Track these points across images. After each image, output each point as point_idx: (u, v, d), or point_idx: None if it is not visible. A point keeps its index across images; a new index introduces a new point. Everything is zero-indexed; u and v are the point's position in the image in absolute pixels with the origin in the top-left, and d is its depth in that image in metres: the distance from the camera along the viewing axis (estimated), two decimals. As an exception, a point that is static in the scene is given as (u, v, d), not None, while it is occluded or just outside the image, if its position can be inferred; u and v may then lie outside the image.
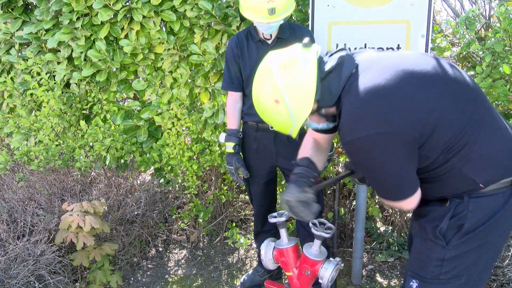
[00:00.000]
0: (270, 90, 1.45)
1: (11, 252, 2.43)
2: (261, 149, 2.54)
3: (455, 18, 3.45)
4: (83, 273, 2.83)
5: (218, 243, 3.50)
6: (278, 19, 2.15)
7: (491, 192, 1.42)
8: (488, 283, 2.67)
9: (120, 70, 3.22)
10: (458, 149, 1.36)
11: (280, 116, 1.47)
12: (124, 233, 3.06)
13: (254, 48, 2.40)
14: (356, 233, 2.79)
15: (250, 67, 2.41)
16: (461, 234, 1.43)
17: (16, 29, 3.31)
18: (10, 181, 3.16)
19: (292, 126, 1.49)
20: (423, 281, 1.52)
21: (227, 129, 2.56)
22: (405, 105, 1.30)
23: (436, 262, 1.48)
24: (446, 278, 1.48)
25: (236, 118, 2.55)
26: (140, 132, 3.27)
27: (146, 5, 2.93)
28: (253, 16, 2.18)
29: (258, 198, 2.71)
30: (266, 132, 2.48)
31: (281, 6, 2.12)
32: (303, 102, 1.43)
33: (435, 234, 1.46)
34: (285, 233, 1.94)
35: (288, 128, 1.50)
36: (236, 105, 2.54)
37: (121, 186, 3.21)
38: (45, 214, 2.77)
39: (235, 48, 2.43)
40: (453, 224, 1.44)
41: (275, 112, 1.48)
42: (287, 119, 1.47)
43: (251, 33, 2.41)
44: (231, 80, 2.50)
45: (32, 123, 3.25)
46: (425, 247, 1.52)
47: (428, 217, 1.52)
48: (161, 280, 3.04)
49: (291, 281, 1.91)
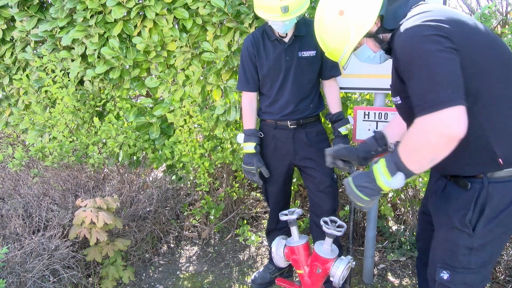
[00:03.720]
0: (336, 1, 1.51)
1: (26, 246, 2.47)
2: (279, 147, 2.52)
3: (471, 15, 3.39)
4: (96, 268, 2.87)
5: (229, 240, 3.51)
6: (291, 17, 2.13)
7: (509, 178, 1.42)
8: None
9: (133, 67, 3.25)
10: (486, 103, 1.37)
11: (340, 30, 1.51)
12: (136, 229, 3.09)
13: (271, 47, 2.38)
14: (367, 231, 2.78)
15: (267, 67, 2.39)
16: (485, 221, 1.44)
17: (32, 27, 3.36)
18: (26, 176, 3.21)
19: (348, 44, 1.51)
20: (454, 270, 1.52)
21: (245, 130, 2.54)
22: (464, 26, 1.36)
23: (464, 250, 1.48)
24: (476, 267, 1.49)
25: (253, 117, 2.53)
26: (152, 129, 3.29)
27: (159, 2, 2.94)
28: (266, 15, 2.16)
29: (275, 197, 2.70)
30: (285, 129, 2.47)
31: (295, 4, 2.09)
32: (367, 12, 1.47)
33: (463, 222, 1.46)
34: (296, 231, 1.94)
35: (343, 46, 1.53)
36: (252, 105, 2.52)
37: (133, 183, 3.24)
38: (59, 210, 2.81)
39: (251, 47, 2.41)
40: (476, 210, 1.45)
41: (336, 26, 1.51)
42: (346, 35, 1.50)
43: (267, 32, 2.38)
44: (247, 80, 2.48)
45: (46, 119, 3.29)
46: (451, 236, 1.52)
47: (454, 205, 1.51)
48: (173, 276, 3.06)
49: (302, 279, 1.91)
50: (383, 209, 3.08)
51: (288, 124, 2.46)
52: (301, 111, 2.44)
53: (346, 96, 3.10)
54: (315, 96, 2.48)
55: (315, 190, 2.51)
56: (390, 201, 3.29)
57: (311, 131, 2.49)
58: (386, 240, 3.29)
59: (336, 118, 2.47)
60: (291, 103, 2.42)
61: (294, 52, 2.35)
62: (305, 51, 2.35)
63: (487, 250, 1.48)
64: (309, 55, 2.35)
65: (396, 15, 1.47)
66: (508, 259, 2.70)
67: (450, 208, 1.52)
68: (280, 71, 2.38)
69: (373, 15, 1.46)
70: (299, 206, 3.60)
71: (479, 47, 1.36)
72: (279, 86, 2.41)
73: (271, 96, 2.46)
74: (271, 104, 2.47)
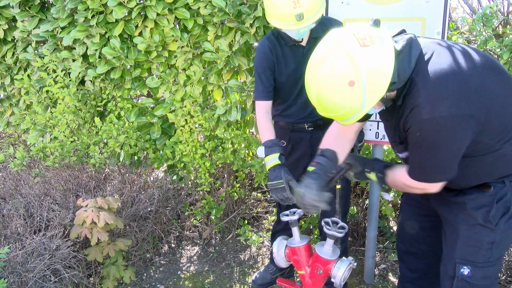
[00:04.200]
0: (345, 70, 1.28)
1: (28, 246, 2.47)
2: (295, 150, 2.45)
3: (472, 15, 3.39)
4: (97, 268, 2.87)
5: (230, 240, 3.51)
6: (306, 24, 1.99)
7: None
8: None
9: (134, 67, 3.25)
10: (509, 136, 1.43)
11: (349, 100, 1.32)
12: (137, 229, 3.10)
13: (289, 53, 2.24)
14: (368, 232, 2.77)
15: (286, 74, 2.26)
16: (507, 217, 1.51)
17: (33, 27, 3.36)
18: (27, 176, 3.21)
19: (358, 112, 1.34)
20: (475, 266, 1.55)
21: (265, 141, 2.23)
22: (479, 89, 1.35)
23: (487, 245, 1.53)
24: (494, 260, 1.55)
25: (271, 127, 2.28)
26: (153, 129, 3.29)
27: (160, 2, 2.94)
28: (280, 24, 2.03)
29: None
30: (302, 132, 2.39)
31: (309, 10, 1.95)
32: (380, 85, 1.31)
33: (486, 219, 1.51)
34: (297, 232, 1.94)
35: (351, 114, 1.36)
36: (268, 115, 2.31)
37: (134, 183, 3.25)
38: (60, 210, 2.81)
39: (269, 53, 2.24)
40: (500, 208, 1.51)
41: (345, 96, 1.31)
42: (356, 104, 1.32)
43: (283, 38, 2.23)
44: (265, 89, 2.29)
45: (47, 119, 3.30)
46: (473, 232, 1.55)
47: (472, 203, 1.55)
48: (174, 276, 3.06)
49: (303, 279, 1.90)
50: (384, 209, 3.08)
51: (305, 127, 2.39)
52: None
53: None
54: None
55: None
56: (391, 202, 3.28)
57: None
58: (387, 240, 3.29)
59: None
60: (309, 106, 2.30)
61: None
62: None
63: (505, 243, 1.57)
64: None
65: (401, 75, 1.36)
66: (509, 259, 2.70)
67: (468, 205, 1.56)
68: (300, 77, 2.23)
69: (387, 82, 1.31)
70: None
71: (496, 94, 1.40)
72: (298, 92, 2.32)
73: (288, 101, 2.35)
74: (287, 108, 2.38)
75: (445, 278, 1.66)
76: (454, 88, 1.32)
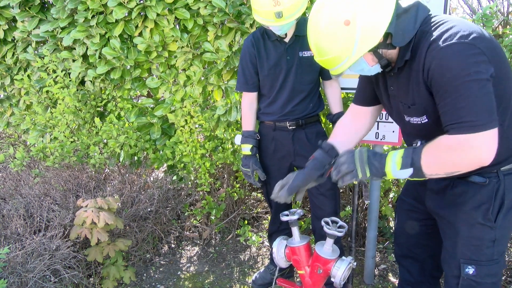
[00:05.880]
0: (344, 8, 1.35)
1: (28, 246, 2.47)
2: (278, 149, 2.52)
3: (472, 15, 3.39)
4: (97, 268, 2.87)
5: (230, 241, 3.51)
6: (286, 22, 2.11)
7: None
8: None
9: (134, 67, 3.25)
10: (506, 105, 1.41)
11: (343, 40, 1.37)
12: (137, 229, 3.09)
13: (272, 47, 2.37)
14: (368, 232, 2.77)
15: (267, 67, 2.38)
16: (504, 212, 1.50)
17: (33, 27, 3.36)
18: (27, 177, 3.21)
19: (349, 56, 1.39)
20: (479, 264, 1.55)
21: (243, 131, 2.53)
22: (492, 47, 1.34)
23: (489, 243, 1.53)
24: (498, 256, 1.55)
25: (252, 119, 2.52)
26: (153, 129, 3.30)
27: (160, 3, 2.95)
28: (262, 20, 2.17)
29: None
30: (284, 131, 2.46)
31: (288, 9, 2.08)
32: (374, 30, 1.35)
33: (486, 217, 1.51)
34: (297, 231, 1.94)
35: (342, 59, 1.40)
36: (252, 106, 2.51)
37: (134, 183, 3.24)
38: (60, 210, 2.81)
39: (251, 47, 2.39)
40: (496, 203, 1.51)
41: (339, 36, 1.37)
42: (348, 46, 1.37)
43: (267, 33, 2.38)
44: (246, 81, 2.46)
45: (47, 120, 3.30)
46: (474, 231, 1.55)
47: (471, 202, 1.54)
48: (174, 277, 3.06)
49: (303, 279, 1.90)
50: (384, 209, 3.08)
51: (287, 125, 2.45)
52: (300, 110, 2.43)
53: (347, 96, 3.10)
54: (314, 96, 2.47)
55: (316, 193, 2.49)
56: (391, 202, 3.28)
57: (311, 132, 2.48)
58: (387, 240, 3.29)
59: (337, 118, 2.47)
60: (290, 103, 2.41)
61: (295, 52, 2.34)
62: (306, 51, 2.34)
63: (505, 239, 1.56)
64: (310, 55, 2.33)
65: (405, 32, 1.40)
66: (509, 259, 2.69)
67: (468, 205, 1.55)
68: (281, 72, 2.37)
69: (381, 31, 1.36)
70: (300, 206, 3.60)
71: (503, 57, 1.39)
72: (280, 87, 2.41)
73: (271, 97, 2.45)
74: (270, 104, 2.47)
75: (450, 277, 1.66)
76: (467, 33, 1.31)
